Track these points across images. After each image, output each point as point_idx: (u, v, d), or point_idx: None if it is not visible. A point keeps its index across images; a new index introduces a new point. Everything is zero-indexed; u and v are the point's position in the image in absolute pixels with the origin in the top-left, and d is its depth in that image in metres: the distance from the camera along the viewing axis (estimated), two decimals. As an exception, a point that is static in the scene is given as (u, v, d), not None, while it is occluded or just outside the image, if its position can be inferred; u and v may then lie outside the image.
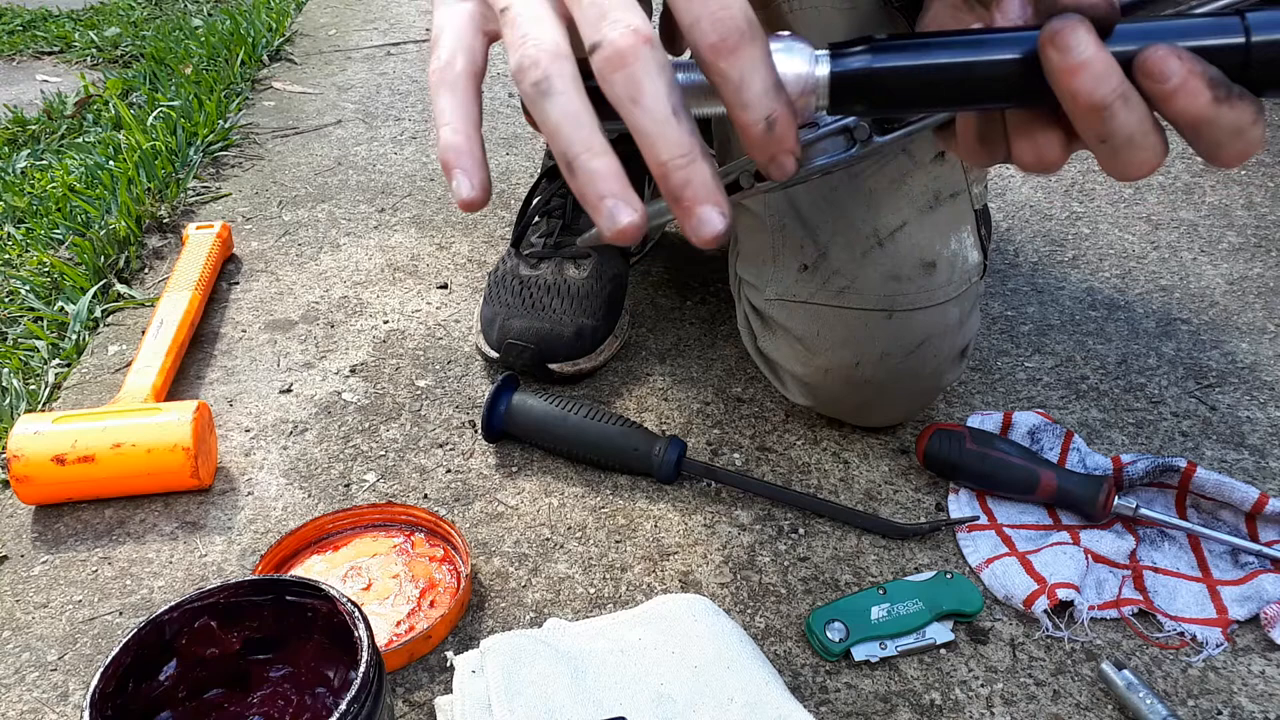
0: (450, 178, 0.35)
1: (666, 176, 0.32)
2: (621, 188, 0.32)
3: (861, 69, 0.34)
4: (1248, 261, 1.02)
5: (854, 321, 0.69)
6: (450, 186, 0.35)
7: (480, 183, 0.35)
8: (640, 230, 0.32)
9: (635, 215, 0.32)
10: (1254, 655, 0.60)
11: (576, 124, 0.32)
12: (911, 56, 0.34)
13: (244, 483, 0.73)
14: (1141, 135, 0.33)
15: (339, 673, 0.49)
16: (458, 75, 0.36)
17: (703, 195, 0.32)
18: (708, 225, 0.32)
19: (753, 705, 0.52)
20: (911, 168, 0.69)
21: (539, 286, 0.84)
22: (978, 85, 0.34)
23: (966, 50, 0.34)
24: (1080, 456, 0.72)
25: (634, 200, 0.32)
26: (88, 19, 1.91)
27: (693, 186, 0.32)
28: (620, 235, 0.32)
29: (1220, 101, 0.31)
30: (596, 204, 0.32)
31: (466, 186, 0.35)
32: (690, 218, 0.32)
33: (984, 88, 0.34)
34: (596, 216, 0.32)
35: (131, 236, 1.05)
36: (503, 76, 1.53)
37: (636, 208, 0.32)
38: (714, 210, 0.32)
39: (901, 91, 0.34)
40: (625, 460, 0.72)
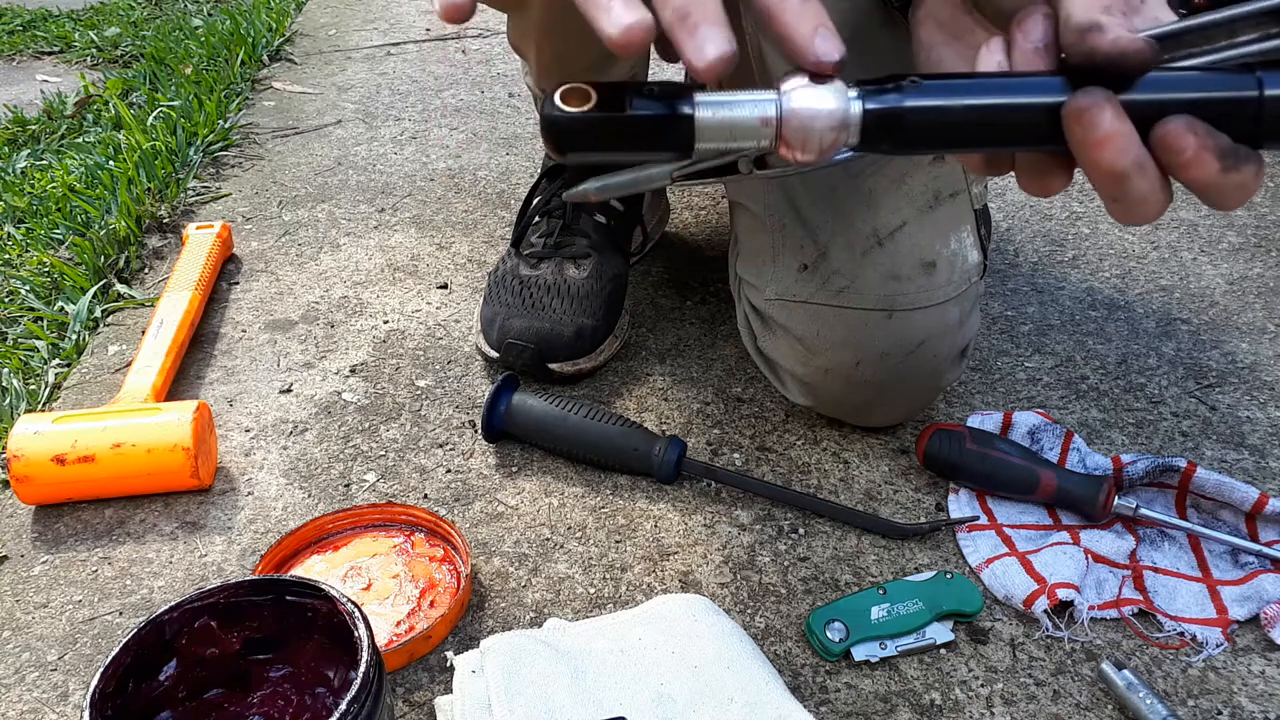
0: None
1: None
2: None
3: (891, 109, 0.34)
4: (1248, 261, 1.02)
5: (854, 321, 0.69)
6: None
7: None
8: (648, 32, 0.31)
9: (642, 14, 0.31)
10: (1254, 655, 0.60)
11: None
12: (941, 98, 0.34)
13: (244, 483, 0.73)
14: (1152, 195, 0.34)
15: (339, 673, 0.49)
16: None
17: (710, 15, 0.31)
18: (709, 46, 0.31)
19: (753, 705, 0.52)
20: (911, 167, 0.69)
21: (539, 286, 0.84)
22: (1003, 131, 0.35)
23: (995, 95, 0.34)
24: (1080, 456, 0.72)
25: (639, 5, 0.31)
26: (88, 19, 1.91)
27: (700, 6, 0.31)
28: (628, 34, 0.31)
29: (1228, 170, 0.33)
30: (606, 3, 0.31)
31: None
32: (692, 39, 0.31)
33: (1008, 134, 0.35)
34: (603, 17, 0.31)
35: (131, 236, 1.05)
36: (503, 76, 1.53)
37: (640, 8, 0.31)
38: (717, 31, 0.31)
39: (928, 132, 0.35)
40: (625, 460, 0.72)
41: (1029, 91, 0.34)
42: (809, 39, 0.33)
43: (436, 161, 1.25)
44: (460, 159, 1.26)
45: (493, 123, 1.37)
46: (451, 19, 0.34)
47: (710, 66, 0.31)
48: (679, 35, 0.31)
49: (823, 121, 0.34)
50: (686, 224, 1.10)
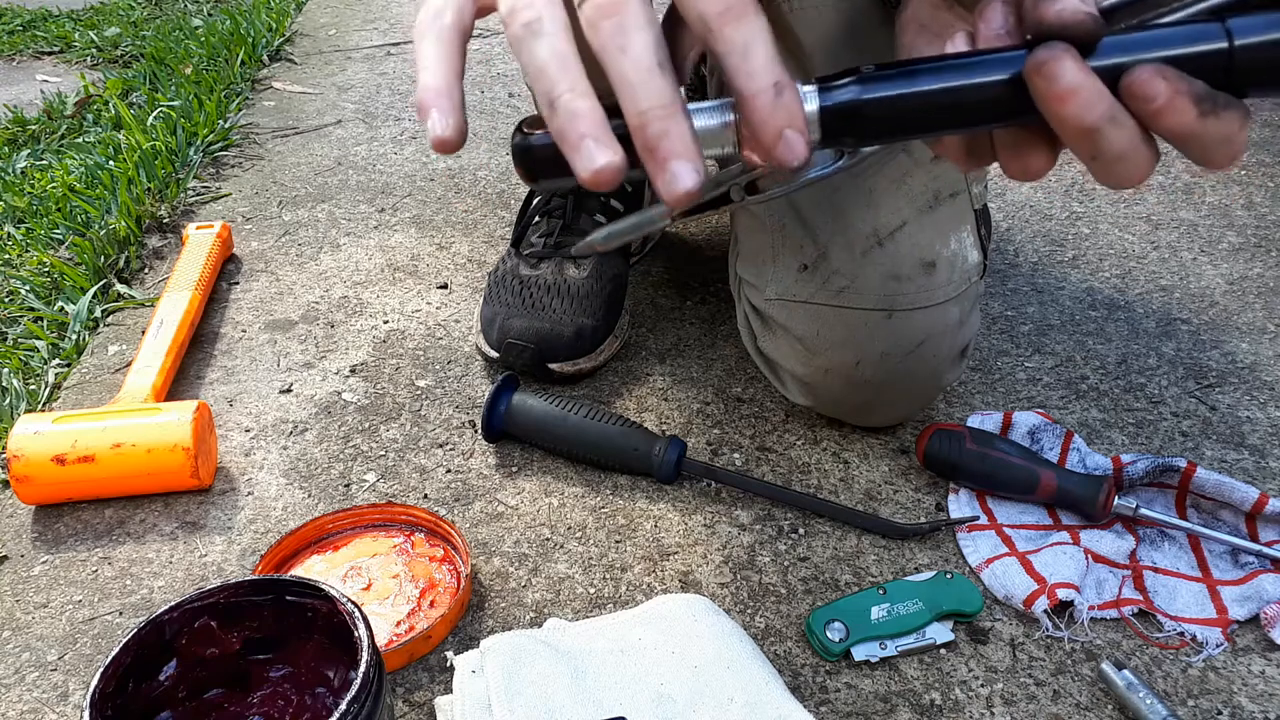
0: (425, 117, 0.34)
1: (644, 127, 0.31)
2: (602, 130, 0.31)
3: (849, 101, 0.34)
4: (1248, 261, 1.02)
5: (854, 321, 0.69)
6: (425, 126, 0.34)
7: (456, 124, 0.34)
8: (618, 173, 0.31)
9: (614, 157, 0.31)
10: (1254, 655, 0.60)
11: (563, 65, 0.32)
12: (898, 86, 0.34)
13: (244, 483, 0.73)
14: (1132, 150, 0.33)
15: (339, 673, 0.49)
16: (444, 27, 0.36)
17: (679, 149, 0.31)
18: (680, 181, 0.31)
19: (753, 705, 0.52)
20: (911, 167, 0.69)
21: (539, 286, 0.84)
22: (966, 110, 0.34)
23: (953, 76, 0.34)
24: (1080, 456, 0.72)
25: (613, 143, 0.31)
26: (88, 19, 1.91)
27: (669, 139, 0.31)
28: (598, 176, 0.31)
29: (1206, 115, 0.32)
30: (576, 144, 0.31)
31: (441, 125, 0.34)
32: (663, 172, 0.31)
33: (973, 112, 0.34)
34: (575, 157, 0.31)
35: (131, 236, 1.05)
36: (503, 76, 1.53)
37: (616, 150, 0.31)
38: (688, 165, 0.31)
39: (890, 121, 0.35)
40: (625, 460, 0.72)
41: (988, 67, 0.34)
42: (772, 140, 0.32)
43: (436, 161, 1.25)
44: (460, 159, 1.26)
45: (493, 123, 1.37)
46: (441, 151, 0.34)
47: (678, 200, 0.31)
48: (649, 166, 0.32)
49: None
50: (686, 224, 1.10)
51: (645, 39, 0.31)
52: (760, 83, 0.32)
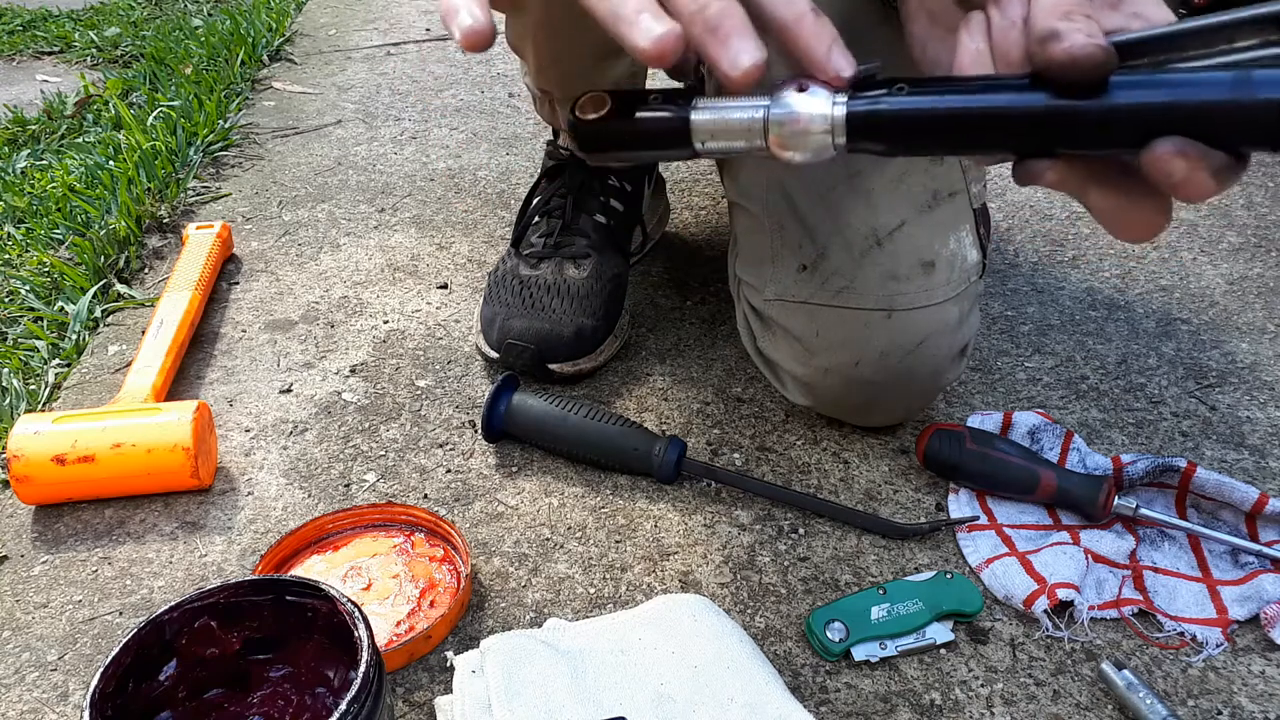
0: (453, 17, 0.34)
1: (703, 8, 0.32)
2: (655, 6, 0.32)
3: (878, 111, 0.35)
4: (1248, 261, 1.02)
5: (853, 321, 0.69)
6: (452, 28, 0.34)
7: (485, 18, 0.34)
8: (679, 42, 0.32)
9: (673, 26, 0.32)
10: (1254, 655, 0.60)
11: None
12: (927, 103, 0.35)
13: (244, 483, 0.73)
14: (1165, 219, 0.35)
15: (339, 673, 0.49)
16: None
17: (739, 26, 0.32)
18: (745, 54, 0.32)
19: (753, 705, 0.52)
20: (910, 167, 0.69)
21: (539, 286, 0.84)
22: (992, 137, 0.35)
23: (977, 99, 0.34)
24: (1080, 456, 0.72)
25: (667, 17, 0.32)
26: (88, 19, 1.91)
27: (729, 17, 0.32)
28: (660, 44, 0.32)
29: (1221, 184, 0.32)
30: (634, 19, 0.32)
31: (469, 16, 0.34)
32: (728, 49, 0.32)
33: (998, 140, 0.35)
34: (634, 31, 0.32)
35: (131, 236, 1.05)
36: (504, 76, 1.53)
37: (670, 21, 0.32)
38: (750, 42, 0.32)
39: (915, 136, 0.36)
40: (625, 460, 0.72)
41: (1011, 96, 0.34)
42: (825, 56, 0.35)
43: (436, 161, 1.25)
44: (460, 159, 1.26)
45: (493, 123, 1.37)
46: (472, 47, 0.34)
47: (745, 74, 0.33)
48: (711, 46, 0.33)
49: (807, 126, 0.36)
50: (686, 224, 1.10)
51: None
52: (799, 7, 0.34)
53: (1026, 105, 0.33)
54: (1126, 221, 0.35)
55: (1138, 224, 0.35)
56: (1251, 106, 0.31)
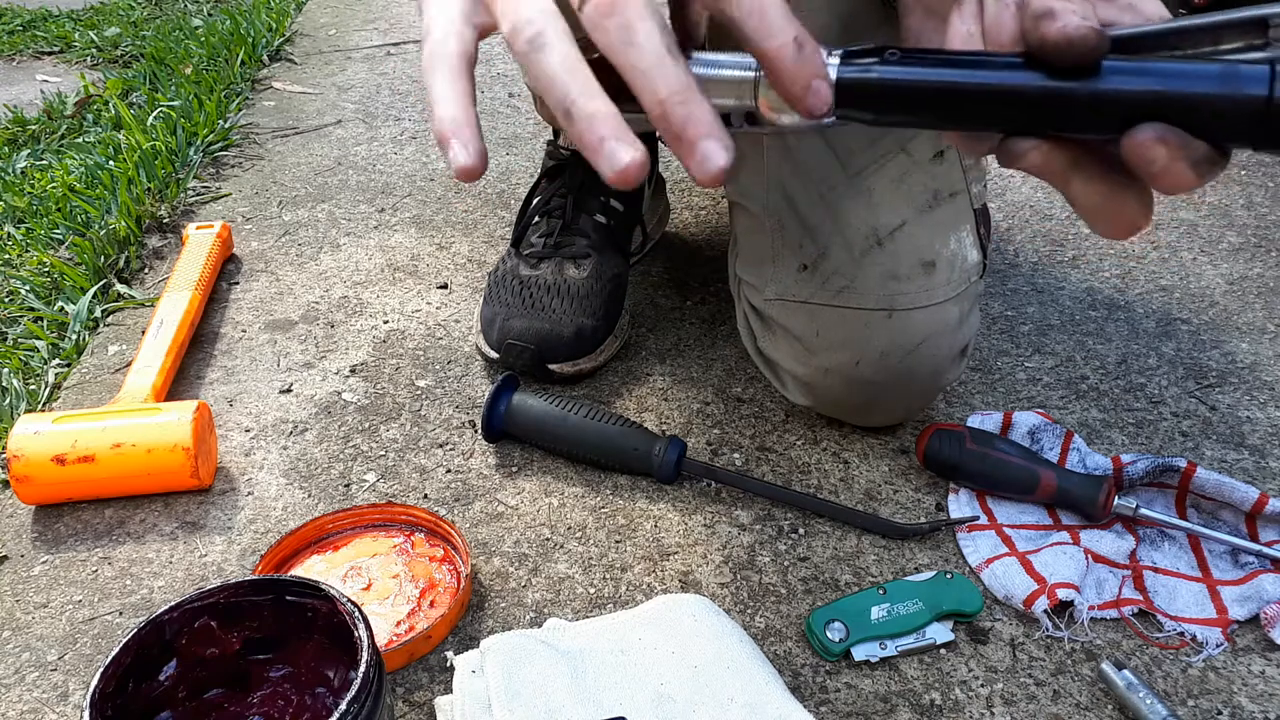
0: (447, 149, 0.34)
1: (667, 115, 0.32)
2: (620, 129, 0.32)
3: (868, 79, 0.34)
4: (1248, 261, 1.02)
5: (854, 321, 0.69)
6: (447, 158, 0.34)
7: (477, 151, 0.34)
8: (642, 169, 0.32)
9: (636, 153, 0.32)
10: (1254, 655, 0.60)
11: (571, 73, 0.32)
12: (917, 73, 0.34)
13: (244, 483, 0.73)
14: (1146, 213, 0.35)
15: (339, 673, 0.49)
16: (450, 54, 0.36)
17: (705, 129, 0.32)
18: (712, 160, 0.32)
19: (753, 705, 0.52)
20: (911, 167, 0.69)
21: (539, 286, 0.84)
22: (981, 113, 0.34)
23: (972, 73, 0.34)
24: (1080, 456, 0.72)
25: (633, 139, 0.32)
26: (88, 19, 1.91)
27: (694, 121, 0.32)
28: (624, 175, 0.32)
29: (1200, 175, 0.32)
30: (597, 146, 0.32)
31: (464, 154, 0.34)
32: (694, 154, 0.32)
33: (986, 116, 0.34)
34: (598, 159, 0.32)
35: (131, 236, 1.05)
36: (504, 76, 1.53)
37: (636, 146, 0.32)
38: (717, 144, 0.32)
39: (907, 105, 0.35)
40: (625, 460, 0.72)
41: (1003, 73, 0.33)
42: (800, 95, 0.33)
43: (436, 161, 1.25)
44: (460, 159, 1.25)
45: (493, 123, 1.37)
46: (465, 179, 0.35)
47: (714, 179, 0.32)
48: (678, 149, 0.32)
49: None
50: (686, 224, 1.10)
51: (651, 28, 0.32)
52: (781, 38, 0.32)
53: (1017, 83, 0.33)
54: (1107, 215, 0.35)
55: (1119, 218, 0.35)
56: (1235, 100, 0.31)
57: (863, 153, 0.69)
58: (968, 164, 0.71)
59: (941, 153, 0.69)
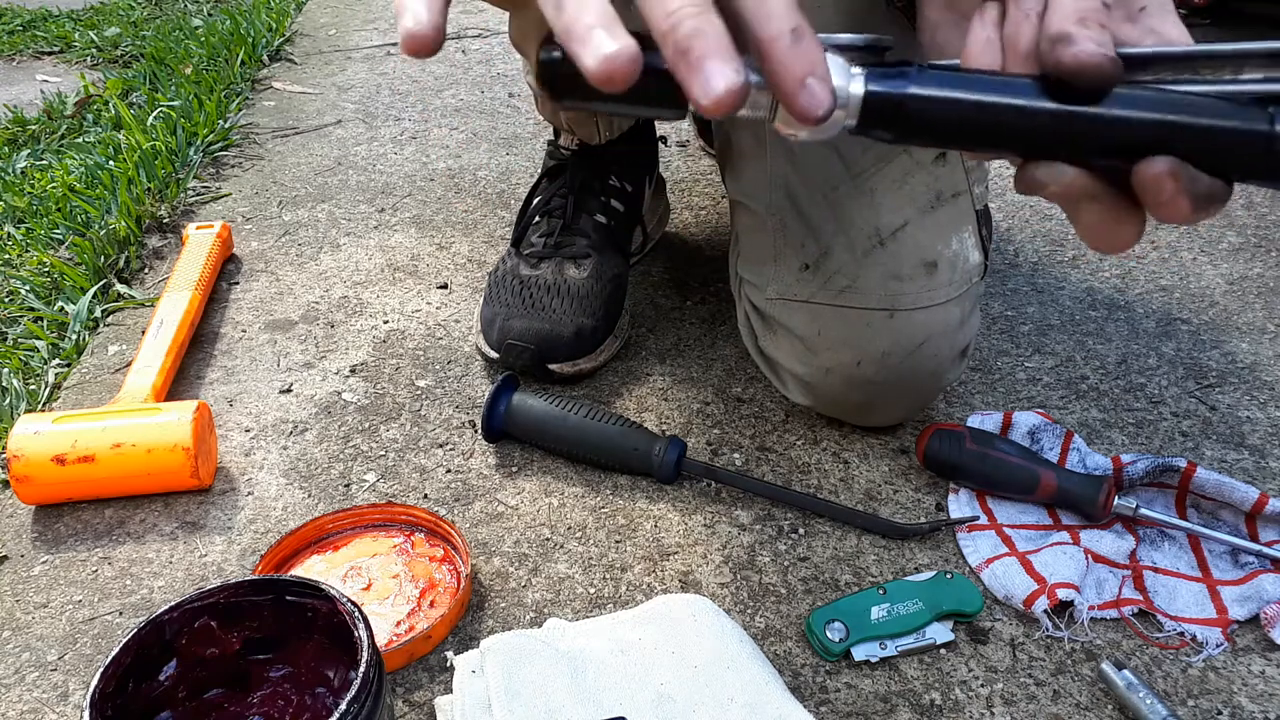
0: (401, 15, 0.31)
1: (675, 26, 0.29)
2: (612, 21, 0.29)
3: (897, 94, 0.33)
4: (1248, 261, 1.02)
5: (855, 321, 0.69)
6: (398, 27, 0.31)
7: (432, 20, 0.31)
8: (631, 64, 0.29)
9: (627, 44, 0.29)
10: (1254, 655, 0.60)
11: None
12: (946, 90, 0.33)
13: (244, 483, 0.73)
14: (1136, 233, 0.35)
15: (339, 673, 0.49)
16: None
17: (713, 47, 0.29)
18: (717, 80, 0.28)
19: (753, 705, 0.52)
20: (913, 168, 0.69)
21: (539, 286, 0.84)
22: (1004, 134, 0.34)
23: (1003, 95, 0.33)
24: (1080, 456, 0.72)
25: (625, 35, 0.29)
26: (88, 19, 1.91)
27: (703, 37, 0.29)
28: (609, 66, 0.28)
29: (1198, 211, 0.32)
30: (584, 35, 0.29)
31: (412, 19, 0.31)
32: (699, 74, 0.29)
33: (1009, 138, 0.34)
34: (583, 50, 0.29)
35: (131, 236, 1.05)
36: (503, 76, 1.53)
37: (626, 39, 0.29)
38: (726, 65, 0.29)
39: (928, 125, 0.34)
40: (625, 460, 0.72)
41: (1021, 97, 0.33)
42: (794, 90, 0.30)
43: (436, 161, 1.25)
44: (460, 159, 1.26)
45: (493, 123, 1.37)
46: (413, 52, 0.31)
47: (718, 103, 0.29)
48: (681, 70, 0.29)
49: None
50: (686, 224, 1.10)
51: None
52: (779, 26, 0.30)
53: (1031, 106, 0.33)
54: (1108, 237, 0.35)
55: (1116, 240, 0.35)
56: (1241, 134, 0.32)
57: (865, 153, 0.69)
58: (970, 165, 0.71)
59: (944, 154, 0.69)
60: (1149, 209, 0.33)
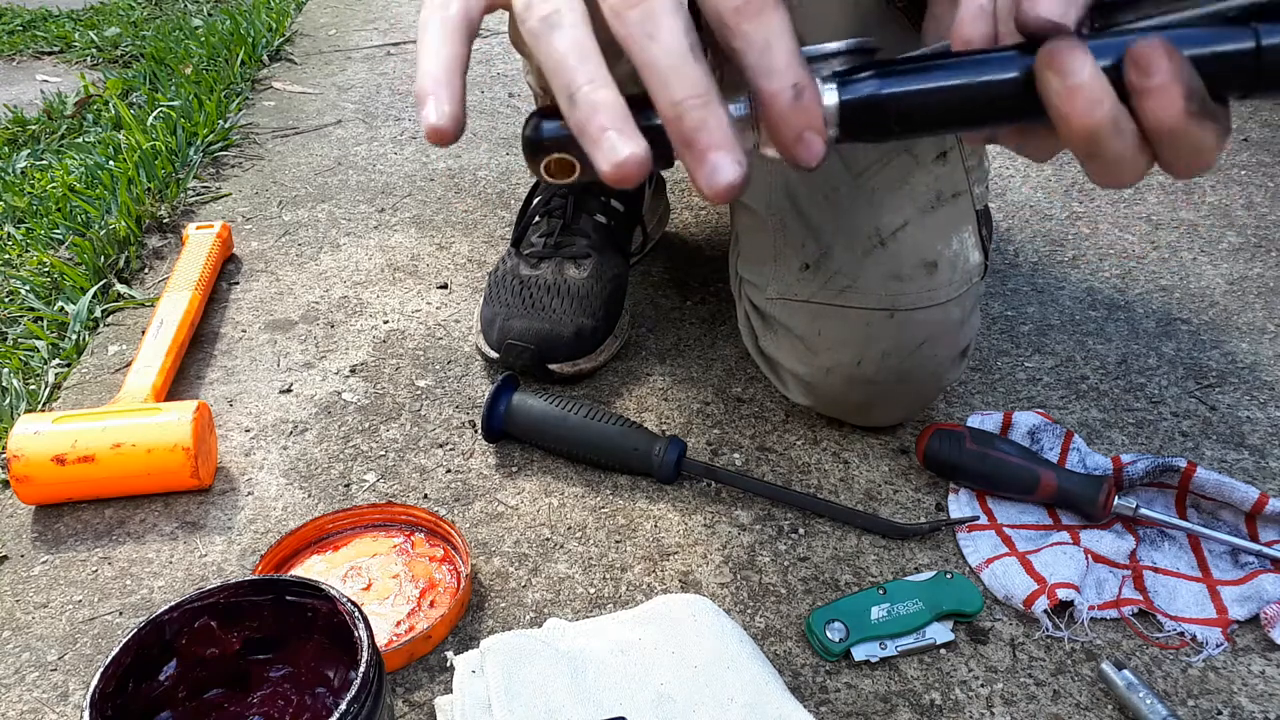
0: (422, 105, 0.32)
1: (680, 118, 0.30)
2: (625, 121, 0.30)
3: (871, 96, 0.33)
4: (1248, 261, 1.02)
5: (855, 321, 0.69)
6: (420, 116, 0.32)
7: (453, 114, 0.32)
8: (642, 166, 0.30)
9: (638, 149, 0.29)
10: (1254, 655, 0.60)
11: (583, 57, 0.30)
12: (918, 81, 0.33)
13: (244, 483, 0.73)
14: (1130, 155, 0.32)
15: (339, 673, 0.49)
16: (450, 17, 0.34)
17: (718, 140, 0.29)
18: (722, 173, 0.30)
19: (753, 705, 0.52)
20: (913, 168, 0.69)
21: (539, 286, 0.84)
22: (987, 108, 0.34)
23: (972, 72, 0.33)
24: (1080, 456, 0.72)
25: (637, 134, 0.30)
26: (88, 19, 1.91)
27: (708, 130, 0.29)
28: (622, 170, 0.30)
29: (1191, 116, 0.31)
30: (597, 137, 0.30)
31: (436, 113, 0.32)
32: (703, 165, 0.30)
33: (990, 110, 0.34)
34: (596, 152, 0.30)
35: (131, 236, 1.05)
36: (504, 76, 1.53)
37: (640, 142, 0.30)
38: (729, 157, 0.30)
39: (911, 117, 0.34)
40: (625, 460, 0.72)
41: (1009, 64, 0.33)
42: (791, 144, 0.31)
43: (436, 161, 1.25)
44: (460, 159, 1.26)
45: (493, 123, 1.37)
46: (436, 143, 0.32)
47: (720, 195, 0.30)
48: (687, 159, 0.30)
49: None
50: (686, 224, 1.10)
51: (675, 25, 0.30)
52: (781, 82, 0.30)
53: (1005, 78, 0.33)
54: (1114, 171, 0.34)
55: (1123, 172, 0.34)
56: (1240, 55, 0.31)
57: (866, 153, 0.69)
58: (970, 165, 0.71)
59: (944, 154, 0.69)
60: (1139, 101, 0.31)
